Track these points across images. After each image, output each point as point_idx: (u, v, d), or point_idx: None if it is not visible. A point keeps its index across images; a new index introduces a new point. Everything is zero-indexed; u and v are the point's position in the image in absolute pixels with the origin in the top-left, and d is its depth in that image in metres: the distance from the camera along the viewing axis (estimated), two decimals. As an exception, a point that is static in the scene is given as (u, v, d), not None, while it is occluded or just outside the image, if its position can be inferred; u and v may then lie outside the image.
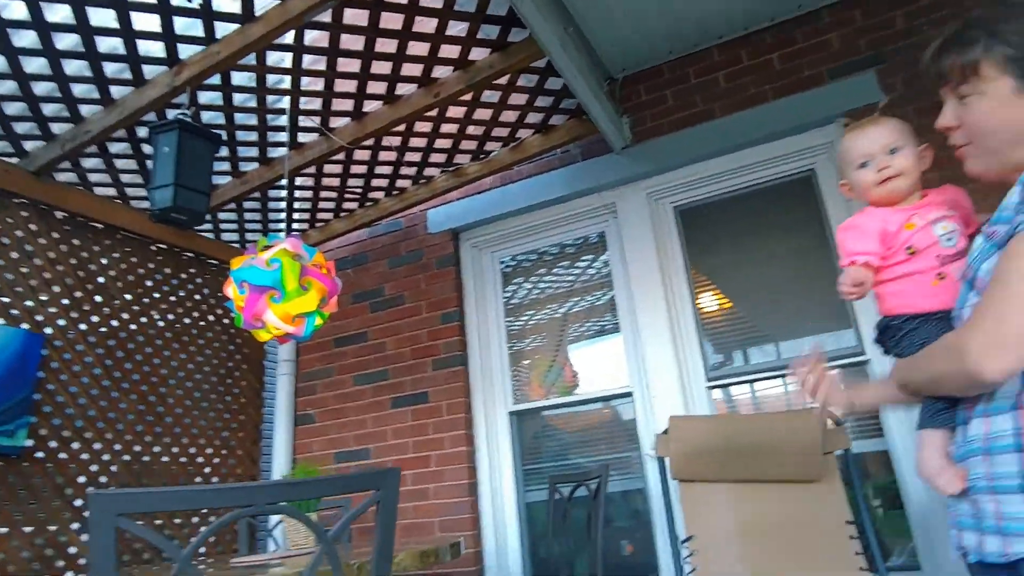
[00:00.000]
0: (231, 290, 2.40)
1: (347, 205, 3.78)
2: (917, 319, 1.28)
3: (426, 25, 2.64)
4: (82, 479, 2.79)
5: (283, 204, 3.66)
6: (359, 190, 3.63)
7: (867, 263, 1.33)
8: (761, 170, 3.20)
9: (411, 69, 2.85)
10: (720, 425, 2.45)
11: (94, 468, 2.84)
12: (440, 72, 2.89)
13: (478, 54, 2.82)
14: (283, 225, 3.89)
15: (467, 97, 3.00)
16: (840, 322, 2.89)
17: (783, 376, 2.98)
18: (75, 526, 2.71)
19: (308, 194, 3.58)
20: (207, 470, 3.35)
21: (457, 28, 2.69)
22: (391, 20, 2.57)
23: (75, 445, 2.78)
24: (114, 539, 1.11)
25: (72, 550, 2.68)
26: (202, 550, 3.20)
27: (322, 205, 3.72)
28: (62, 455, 2.73)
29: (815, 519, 2.17)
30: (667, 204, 3.39)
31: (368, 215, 3.79)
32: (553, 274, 3.71)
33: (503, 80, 2.96)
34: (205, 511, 3.20)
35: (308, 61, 2.70)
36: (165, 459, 3.15)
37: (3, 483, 2.52)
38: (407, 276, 3.80)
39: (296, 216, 3.77)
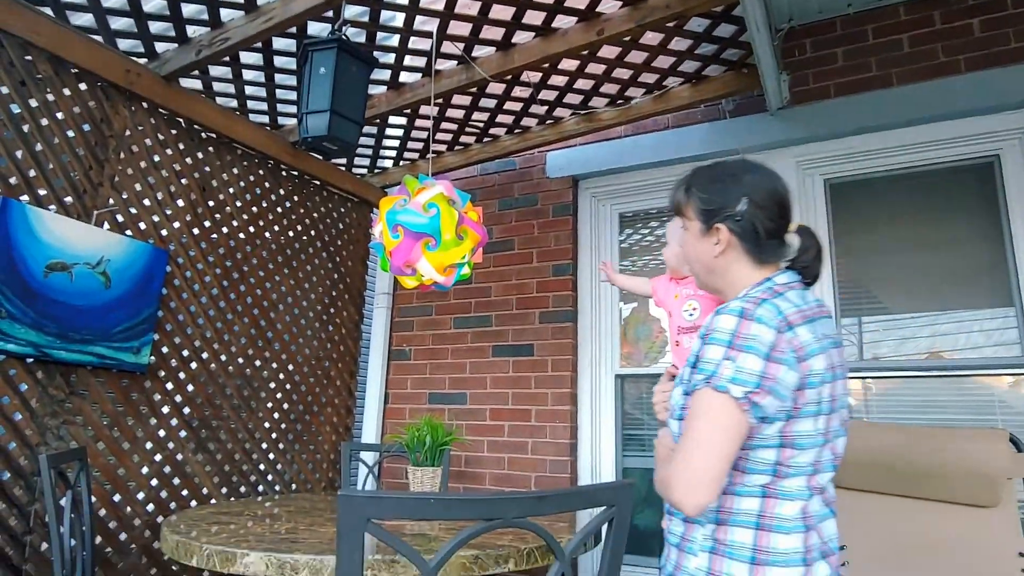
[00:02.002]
0: (381, 232, 2.26)
1: (464, 139, 3.56)
2: None
3: (606, -47, 2.34)
4: (199, 400, 2.75)
5: (399, 132, 3.46)
6: (480, 124, 3.40)
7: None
8: (934, 150, 2.89)
9: (574, 0, 2.57)
10: (890, 435, 2.28)
11: (210, 390, 2.80)
12: (605, 7, 2.60)
13: (652, -10, 2.52)
14: (394, 153, 3.70)
15: (626, 38, 2.71)
16: (1003, 322, 2.66)
17: (934, 375, 2.78)
18: (192, 446, 2.70)
19: (427, 123, 3.37)
20: (309, 398, 3.31)
21: (637, -41, 2.39)
22: (572, -56, 2.28)
23: (193, 365, 2.73)
24: (362, 543, 1.01)
25: (188, 469, 2.68)
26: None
27: (438, 136, 3.51)
28: (181, 375, 2.68)
29: (984, 546, 2.02)
30: (817, 176, 3.10)
31: (485, 152, 3.57)
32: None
33: (671, 23, 2.66)
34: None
35: (467, -19, 2.43)
36: (272, 385, 3.11)
37: (127, 400, 2.49)
38: (519, 220, 3.62)
39: (410, 145, 3.56)
